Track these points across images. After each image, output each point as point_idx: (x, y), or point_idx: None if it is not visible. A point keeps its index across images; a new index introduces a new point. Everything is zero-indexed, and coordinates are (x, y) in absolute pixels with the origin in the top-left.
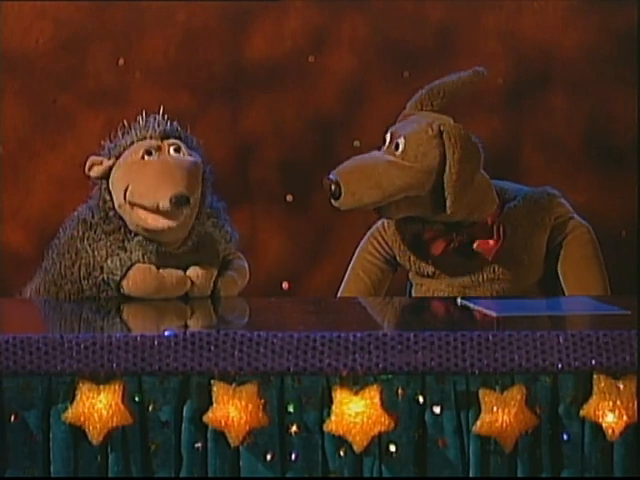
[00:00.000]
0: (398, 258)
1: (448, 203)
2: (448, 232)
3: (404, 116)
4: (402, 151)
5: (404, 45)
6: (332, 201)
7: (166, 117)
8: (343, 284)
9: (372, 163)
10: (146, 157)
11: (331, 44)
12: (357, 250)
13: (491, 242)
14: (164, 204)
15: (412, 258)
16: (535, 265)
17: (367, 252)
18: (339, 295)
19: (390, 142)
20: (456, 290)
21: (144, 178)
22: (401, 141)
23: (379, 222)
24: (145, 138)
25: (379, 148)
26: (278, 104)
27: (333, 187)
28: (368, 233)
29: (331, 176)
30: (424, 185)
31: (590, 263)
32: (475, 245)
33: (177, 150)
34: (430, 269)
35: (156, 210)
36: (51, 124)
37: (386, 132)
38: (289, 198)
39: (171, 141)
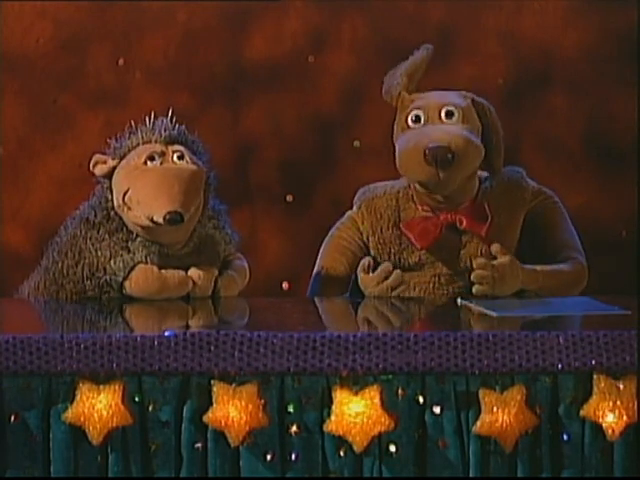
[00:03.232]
0: (373, 252)
1: (498, 163)
2: (434, 217)
3: (406, 99)
4: (461, 118)
5: (404, 45)
6: (439, 172)
7: (173, 120)
8: (318, 270)
9: (465, 132)
10: (149, 162)
11: (331, 44)
12: (328, 237)
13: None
14: (158, 218)
15: (393, 250)
16: (514, 241)
17: (341, 238)
18: (315, 272)
19: (428, 116)
20: (443, 280)
21: (143, 186)
22: (452, 109)
23: (350, 212)
24: (150, 141)
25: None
26: (278, 104)
27: (449, 156)
28: (338, 223)
29: (441, 144)
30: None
31: (567, 227)
32: (464, 224)
33: (180, 157)
34: (414, 258)
35: (150, 220)
36: (51, 124)
37: (410, 111)
38: (289, 198)
39: (175, 147)
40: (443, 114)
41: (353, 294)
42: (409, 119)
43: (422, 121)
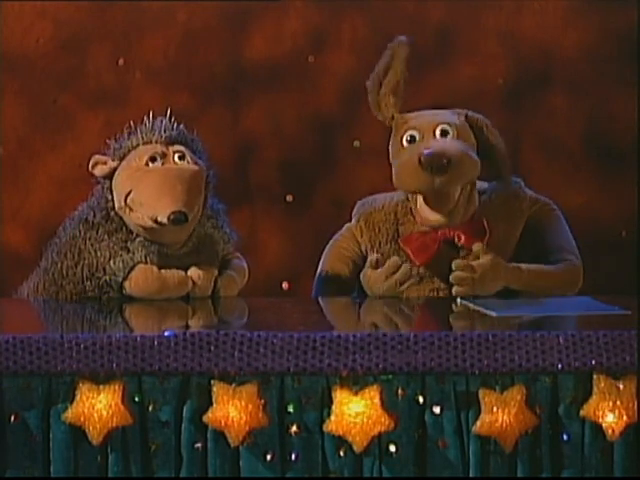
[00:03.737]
0: (378, 257)
1: (505, 171)
2: (432, 233)
3: (400, 120)
4: (456, 135)
5: None
6: (434, 178)
7: (172, 120)
8: (319, 278)
9: (456, 144)
10: (150, 164)
11: (331, 44)
12: (328, 247)
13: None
14: (162, 219)
15: None
16: (510, 251)
17: (341, 247)
18: (318, 275)
19: (423, 136)
20: (442, 294)
21: (146, 187)
22: (447, 128)
23: (349, 224)
24: (151, 142)
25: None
26: (278, 104)
27: (444, 162)
28: (337, 234)
29: (436, 152)
30: None
31: (563, 232)
32: (462, 240)
33: (181, 158)
34: (412, 273)
35: (154, 221)
36: (51, 124)
37: (405, 132)
38: (289, 198)
39: (176, 148)
40: (438, 132)
41: (360, 296)
42: (404, 140)
43: (417, 140)
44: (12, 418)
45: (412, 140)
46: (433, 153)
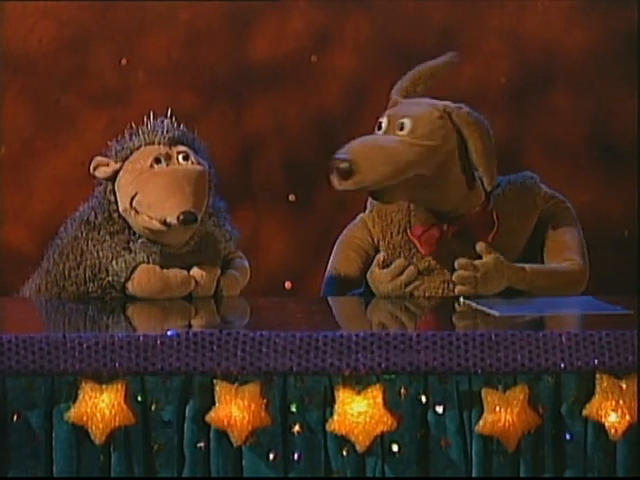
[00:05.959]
0: (385, 255)
1: (486, 180)
2: (438, 224)
3: (393, 103)
4: (410, 130)
5: (407, 45)
6: (339, 182)
7: (173, 120)
8: (332, 269)
9: (381, 141)
10: (155, 165)
11: (334, 44)
12: (340, 238)
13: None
14: (172, 220)
15: (403, 255)
16: (522, 246)
17: (354, 237)
18: (329, 272)
19: (389, 125)
20: (452, 286)
21: (153, 189)
22: (406, 121)
23: (362, 214)
24: (153, 143)
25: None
26: (281, 104)
27: (343, 166)
28: (351, 224)
29: (340, 156)
30: (431, 163)
31: (573, 231)
32: (470, 231)
33: (186, 158)
34: (423, 264)
35: (162, 223)
36: (54, 124)
37: (379, 118)
38: (292, 198)
39: (180, 148)
40: (397, 125)
41: (366, 293)
42: (377, 126)
43: (382, 129)
44: (15, 418)
45: (380, 128)
46: (336, 159)
